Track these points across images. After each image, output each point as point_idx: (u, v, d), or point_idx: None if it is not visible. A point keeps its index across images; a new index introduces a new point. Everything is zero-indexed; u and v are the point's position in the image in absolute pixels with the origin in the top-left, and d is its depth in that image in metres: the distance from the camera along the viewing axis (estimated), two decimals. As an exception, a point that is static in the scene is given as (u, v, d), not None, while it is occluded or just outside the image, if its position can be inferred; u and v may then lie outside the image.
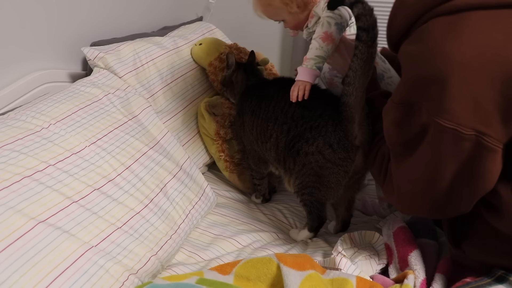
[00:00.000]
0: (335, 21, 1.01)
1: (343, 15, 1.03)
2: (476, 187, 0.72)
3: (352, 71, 0.91)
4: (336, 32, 1.01)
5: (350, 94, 0.92)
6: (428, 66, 0.70)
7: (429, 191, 0.77)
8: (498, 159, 0.68)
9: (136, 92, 1.19)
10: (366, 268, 0.93)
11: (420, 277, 0.84)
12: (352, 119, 0.95)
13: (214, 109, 1.36)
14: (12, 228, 0.71)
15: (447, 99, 0.67)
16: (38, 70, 1.16)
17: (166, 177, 1.06)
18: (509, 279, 0.72)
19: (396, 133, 0.80)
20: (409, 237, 0.94)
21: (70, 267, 0.74)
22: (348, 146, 0.98)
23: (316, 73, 1.02)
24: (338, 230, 1.17)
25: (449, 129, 0.68)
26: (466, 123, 0.67)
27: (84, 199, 0.85)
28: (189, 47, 1.48)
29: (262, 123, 1.10)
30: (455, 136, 0.68)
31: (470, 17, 0.67)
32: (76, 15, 1.26)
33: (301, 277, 0.74)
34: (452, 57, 0.66)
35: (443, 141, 0.70)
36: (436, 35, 0.69)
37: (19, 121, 0.90)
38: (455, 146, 0.69)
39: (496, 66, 0.64)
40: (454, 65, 0.66)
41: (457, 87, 0.66)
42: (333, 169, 1.00)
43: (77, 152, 0.91)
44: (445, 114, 0.68)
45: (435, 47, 0.69)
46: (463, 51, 0.65)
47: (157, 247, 0.92)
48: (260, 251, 1.04)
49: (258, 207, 1.30)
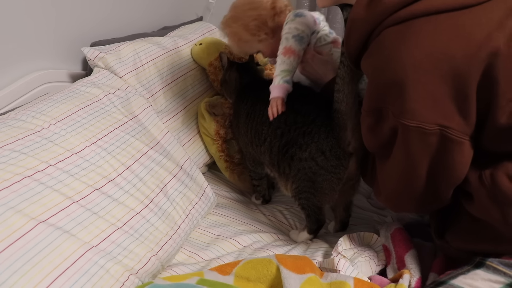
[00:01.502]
0: (291, 35, 1.06)
1: (301, 27, 1.06)
2: (450, 178, 0.77)
3: (340, 78, 0.91)
4: (295, 44, 1.05)
5: (341, 101, 0.93)
6: (386, 73, 0.75)
7: (409, 189, 0.82)
8: (465, 150, 0.74)
9: (136, 92, 1.19)
10: (365, 269, 0.93)
11: (415, 276, 0.86)
12: (344, 126, 0.95)
13: (214, 109, 1.36)
14: (13, 228, 0.71)
15: (407, 101, 0.72)
16: (38, 70, 1.16)
17: (167, 177, 1.06)
18: (485, 263, 0.76)
19: (371, 138, 0.85)
20: (406, 238, 0.96)
21: (70, 267, 0.74)
22: (340, 154, 0.98)
23: (285, 87, 1.04)
24: (337, 230, 1.18)
25: (413, 127, 0.73)
26: (428, 119, 0.72)
27: (85, 199, 0.85)
28: (189, 47, 1.47)
29: (257, 126, 1.10)
30: (421, 133, 0.73)
31: (414, 25, 0.73)
32: (76, 15, 1.26)
33: (300, 280, 0.75)
34: (405, 61, 0.71)
35: (411, 140, 0.75)
36: (388, 45, 0.75)
37: (20, 121, 0.90)
38: (423, 142, 0.74)
39: (444, 64, 0.69)
40: (407, 68, 0.71)
41: (414, 88, 0.71)
42: (326, 176, 1.00)
43: (77, 152, 0.91)
44: (408, 115, 0.73)
45: (389, 55, 0.74)
46: (414, 55, 0.71)
47: (157, 247, 0.92)
48: (261, 251, 1.04)
49: (258, 208, 1.30)
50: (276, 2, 1.15)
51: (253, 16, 1.13)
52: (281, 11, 1.14)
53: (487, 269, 0.75)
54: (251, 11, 1.14)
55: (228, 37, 1.20)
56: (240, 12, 1.16)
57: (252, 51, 1.22)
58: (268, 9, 1.14)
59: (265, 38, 1.15)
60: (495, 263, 0.75)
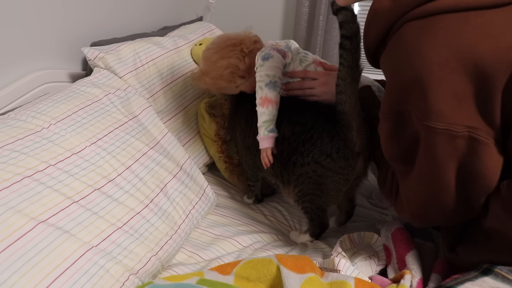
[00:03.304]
0: (264, 83, 1.06)
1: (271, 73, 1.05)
2: (481, 185, 0.72)
3: (341, 80, 0.91)
4: (270, 92, 1.05)
5: (344, 101, 0.93)
6: (408, 71, 0.71)
7: (438, 200, 0.76)
8: (493, 153, 0.69)
9: (137, 92, 1.19)
10: (365, 269, 0.93)
11: (417, 277, 0.85)
12: (350, 126, 0.95)
13: (214, 110, 1.36)
14: (13, 228, 0.71)
15: (433, 101, 0.68)
16: (38, 70, 1.16)
17: (167, 177, 1.06)
18: (494, 271, 0.73)
19: (392, 146, 0.81)
20: (407, 237, 0.95)
21: (70, 267, 0.74)
22: (348, 154, 0.98)
23: (271, 136, 1.05)
24: (342, 223, 1.18)
25: (441, 130, 0.69)
26: (456, 121, 0.68)
27: (85, 199, 0.85)
28: (189, 47, 1.48)
29: (255, 137, 1.10)
30: (449, 136, 0.69)
31: (442, 20, 0.69)
32: (76, 15, 1.26)
33: (300, 280, 0.75)
34: (429, 59, 0.68)
35: (438, 144, 0.70)
36: (411, 40, 0.71)
37: (20, 121, 0.90)
38: (451, 145, 0.70)
39: (471, 64, 0.66)
40: (432, 66, 0.67)
41: (439, 88, 0.67)
42: (334, 177, 1.00)
43: (77, 152, 0.91)
44: (434, 116, 0.69)
45: (412, 51, 0.70)
46: (439, 52, 0.67)
47: (157, 247, 0.92)
48: (261, 252, 1.04)
49: (259, 208, 1.30)
50: (243, 44, 1.15)
51: (224, 66, 1.14)
52: (250, 50, 1.14)
53: (496, 276, 0.72)
54: (221, 61, 1.14)
55: (207, 86, 1.21)
56: (211, 64, 1.16)
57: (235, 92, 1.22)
58: (236, 53, 1.13)
59: (242, 82, 1.16)
60: (504, 271, 0.72)
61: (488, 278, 0.72)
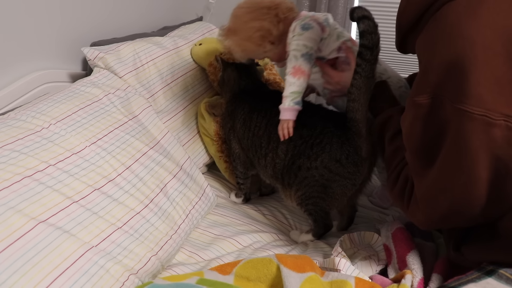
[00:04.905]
0: (300, 53, 1.01)
1: (309, 44, 1.01)
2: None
3: (355, 89, 0.91)
4: (304, 64, 1.00)
5: (356, 110, 0.93)
6: (448, 51, 0.66)
7: (464, 198, 0.70)
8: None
9: (136, 92, 1.19)
10: (365, 268, 0.93)
11: (418, 277, 0.85)
12: (360, 133, 0.96)
13: (214, 109, 1.36)
14: (13, 228, 0.71)
15: (473, 84, 0.63)
16: (38, 70, 1.16)
17: (166, 177, 1.06)
18: (498, 272, 0.71)
19: (416, 134, 0.74)
20: (407, 237, 0.95)
21: (70, 267, 0.74)
22: (357, 160, 0.98)
23: (295, 108, 1.00)
24: (343, 228, 1.17)
25: (478, 115, 0.63)
26: (494, 107, 0.63)
27: (85, 199, 0.85)
28: (189, 47, 1.47)
29: (254, 138, 1.09)
30: (485, 123, 0.63)
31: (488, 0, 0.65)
32: (76, 15, 1.26)
33: (301, 279, 0.74)
34: (472, 39, 0.64)
35: (472, 132, 0.65)
36: (453, 19, 0.67)
37: (19, 121, 0.90)
38: (486, 134, 0.64)
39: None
40: (476, 47, 0.63)
41: (481, 70, 0.63)
42: (341, 181, 1.00)
43: (77, 152, 0.91)
44: (471, 100, 0.64)
45: (454, 31, 0.66)
46: (484, 33, 0.63)
47: (157, 247, 0.92)
48: (261, 251, 1.04)
49: (258, 208, 1.30)
50: (279, 9, 1.07)
51: (255, 28, 1.07)
52: (285, 17, 1.08)
53: (500, 278, 0.70)
54: (253, 22, 1.07)
55: (231, 47, 1.13)
56: (241, 23, 1.09)
57: (258, 58, 1.16)
58: (271, 17, 1.07)
59: (271, 48, 1.09)
60: (509, 272, 0.70)
61: (492, 279, 0.71)
